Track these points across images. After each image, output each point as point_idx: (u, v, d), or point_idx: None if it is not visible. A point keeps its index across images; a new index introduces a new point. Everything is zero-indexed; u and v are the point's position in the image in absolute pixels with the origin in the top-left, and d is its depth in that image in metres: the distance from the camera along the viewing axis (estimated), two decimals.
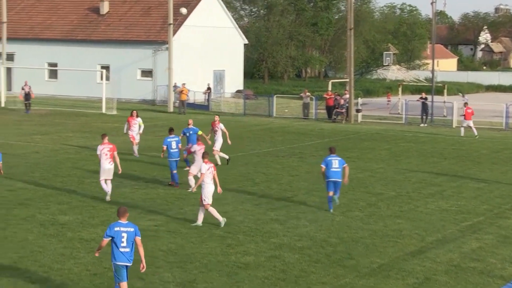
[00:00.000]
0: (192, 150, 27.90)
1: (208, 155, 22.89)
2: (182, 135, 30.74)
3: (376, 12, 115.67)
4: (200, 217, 21.85)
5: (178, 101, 60.87)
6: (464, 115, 48.42)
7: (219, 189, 22.34)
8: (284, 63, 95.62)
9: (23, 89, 57.53)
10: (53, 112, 56.02)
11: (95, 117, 53.33)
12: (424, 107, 54.96)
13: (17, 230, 20.92)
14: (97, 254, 15.54)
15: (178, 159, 28.18)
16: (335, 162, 24.55)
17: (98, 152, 24.96)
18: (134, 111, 36.02)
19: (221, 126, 33.42)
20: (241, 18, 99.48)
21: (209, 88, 65.83)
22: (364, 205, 25.51)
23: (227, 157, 32.86)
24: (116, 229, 14.54)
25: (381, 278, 17.41)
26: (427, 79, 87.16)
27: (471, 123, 47.49)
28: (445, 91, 66.38)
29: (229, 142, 33.59)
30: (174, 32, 64.62)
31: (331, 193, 24.46)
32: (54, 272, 17.08)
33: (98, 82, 64.25)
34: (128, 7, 73.19)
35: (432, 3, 62.35)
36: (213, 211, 21.75)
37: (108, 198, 24.86)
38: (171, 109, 60.77)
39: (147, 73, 69.22)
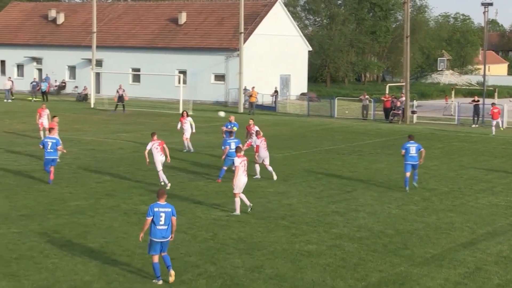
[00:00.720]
0: (253, 144, 28.41)
1: (241, 150, 22.94)
2: (224, 128, 31.71)
3: (431, 20, 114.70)
4: (237, 208, 22.16)
5: (247, 103, 61.17)
6: (491, 114, 48.84)
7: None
8: (345, 68, 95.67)
9: (117, 91, 58.55)
10: (136, 112, 56.75)
11: (173, 117, 53.76)
12: (476, 109, 54.37)
13: (104, 218, 21.27)
14: (141, 238, 16.00)
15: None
16: (413, 148, 26.64)
17: (149, 147, 26.23)
18: (185, 111, 36.70)
19: (256, 128, 33.29)
20: (306, 27, 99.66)
21: (276, 91, 66.00)
22: (419, 200, 25.25)
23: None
24: (156, 209, 15.51)
25: (434, 267, 17.24)
26: (479, 83, 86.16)
27: (497, 122, 48.74)
28: (496, 94, 65.53)
29: None
30: (245, 40, 64.94)
31: (407, 174, 26.44)
32: (136, 256, 17.32)
33: (176, 86, 65.01)
34: (204, 17, 73.79)
35: (484, 12, 61.81)
36: (243, 197, 22.26)
37: (168, 185, 25.93)
38: (241, 110, 60.98)
39: (220, 77, 69.66)
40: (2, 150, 34.46)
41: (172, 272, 15.54)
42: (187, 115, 36.13)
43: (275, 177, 28.06)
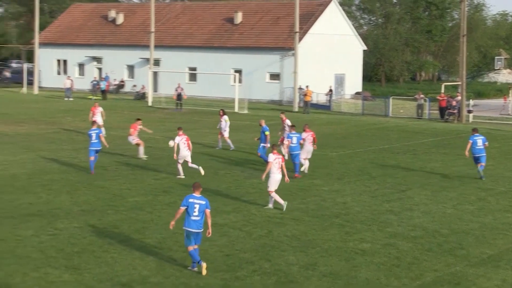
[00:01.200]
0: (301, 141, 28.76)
1: (277, 147, 23.41)
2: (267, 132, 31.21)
3: (488, 19, 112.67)
4: (271, 202, 22.48)
5: (302, 102, 61.13)
6: None
7: (286, 178, 22.88)
8: (400, 67, 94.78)
9: (176, 90, 59.28)
10: (192, 111, 57.15)
11: (228, 115, 53.76)
12: None
13: (161, 214, 21.48)
14: (171, 226, 16.46)
15: (299, 152, 28.32)
16: (479, 141, 28.30)
17: (177, 141, 27.17)
18: (221, 110, 36.81)
19: (288, 122, 33.69)
20: (361, 26, 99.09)
21: (330, 90, 65.84)
22: (475, 199, 24.93)
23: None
24: (190, 200, 16.00)
25: (490, 268, 17.01)
26: None
27: None
28: None
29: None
30: (300, 39, 64.92)
31: (478, 166, 28.28)
32: None
33: (232, 84, 65.23)
34: (259, 17, 73.91)
35: None
36: (275, 196, 22.25)
37: (201, 171, 27.32)
38: (296, 109, 61.00)
39: (275, 76, 69.71)
40: (64, 147, 35.05)
41: (204, 265, 15.88)
42: (224, 114, 36.27)
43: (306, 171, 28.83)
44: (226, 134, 35.73)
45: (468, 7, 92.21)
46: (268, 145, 29.32)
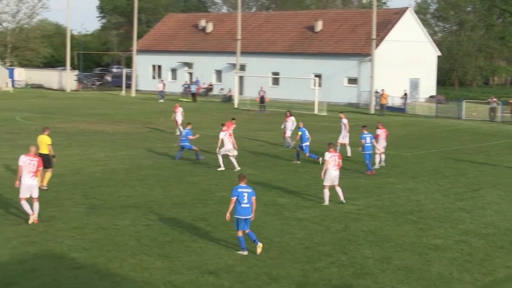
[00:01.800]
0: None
1: (333, 145, 23.15)
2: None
3: None
4: (326, 198, 22.15)
5: (378, 105, 60.61)
6: None
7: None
8: (473, 72, 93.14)
9: (259, 93, 59.75)
10: (275, 112, 57.23)
11: (308, 117, 53.97)
12: None
13: None
14: (227, 217, 16.93)
15: (371, 152, 28.26)
16: None
17: (221, 137, 28.12)
18: (288, 111, 36.90)
19: (344, 121, 33.50)
20: (435, 33, 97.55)
21: (405, 94, 65.07)
22: None
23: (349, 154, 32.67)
24: (239, 190, 16.66)
25: None
26: None
27: None
28: None
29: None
30: (376, 46, 64.41)
31: None
32: (274, 244, 17.47)
33: (312, 88, 65.19)
34: (338, 25, 73.60)
35: None
36: (326, 192, 22.08)
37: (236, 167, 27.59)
38: (372, 111, 60.55)
39: (352, 80, 69.36)
40: (158, 145, 35.60)
41: (260, 244, 16.61)
42: (290, 115, 36.40)
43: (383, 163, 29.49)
44: (288, 133, 35.75)
45: None
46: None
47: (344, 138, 33.18)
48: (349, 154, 32.33)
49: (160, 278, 14.74)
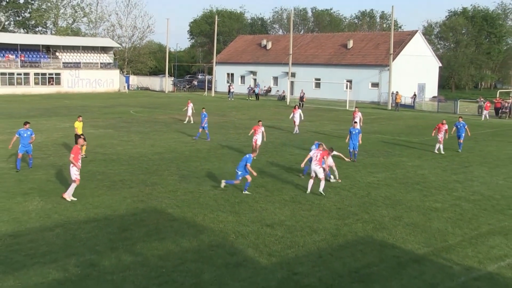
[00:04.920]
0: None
1: (322, 145, 19.64)
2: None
3: None
4: (309, 187, 18.98)
5: (394, 103, 59.57)
6: (484, 108, 49.50)
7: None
8: (466, 79, 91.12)
9: (300, 93, 59.46)
10: (316, 108, 56.92)
11: (341, 112, 53.48)
12: None
13: (293, 178, 21.50)
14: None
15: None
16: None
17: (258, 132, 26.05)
18: (296, 105, 35.89)
19: (359, 114, 32.47)
20: (438, 50, 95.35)
21: (414, 94, 63.65)
22: None
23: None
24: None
25: None
26: None
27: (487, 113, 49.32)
28: None
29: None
30: (393, 59, 63.24)
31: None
32: (315, 205, 17.34)
33: (344, 90, 64.45)
34: (365, 43, 72.48)
35: None
36: (310, 182, 18.92)
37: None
38: (389, 108, 59.54)
39: (374, 84, 68.22)
40: (230, 132, 35.71)
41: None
42: (298, 107, 35.39)
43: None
44: (297, 122, 34.71)
45: None
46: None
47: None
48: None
49: (231, 228, 14.87)
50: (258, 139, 25.98)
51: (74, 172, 17.21)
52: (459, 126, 29.53)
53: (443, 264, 12.61)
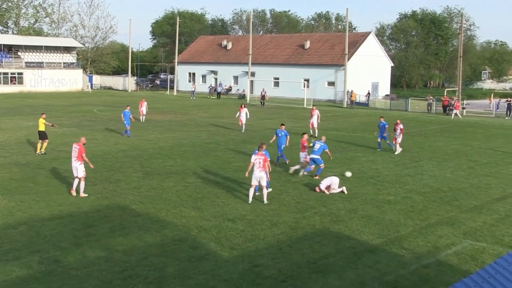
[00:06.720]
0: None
1: (262, 148, 17.32)
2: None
3: (477, 45, 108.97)
4: (250, 196, 17.19)
5: (349, 101, 60.33)
6: (454, 107, 49.98)
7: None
8: (416, 78, 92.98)
9: (261, 92, 59.46)
10: (275, 106, 57.14)
11: (299, 109, 53.81)
12: (509, 106, 51.60)
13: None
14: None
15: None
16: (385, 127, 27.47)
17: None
18: (243, 104, 35.56)
19: (317, 112, 33.07)
20: (390, 50, 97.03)
21: (368, 93, 64.71)
22: (466, 168, 24.10)
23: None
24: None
25: (475, 214, 16.43)
26: (511, 88, 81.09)
27: (457, 112, 49.70)
28: None
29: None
30: (348, 58, 64.00)
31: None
32: (275, 200, 17.39)
33: (302, 89, 64.84)
34: (321, 44, 73.08)
35: None
36: (251, 192, 17.11)
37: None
38: (345, 105, 60.28)
39: (331, 83, 68.87)
40: (192, 129, 35.58)
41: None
42: (244, 107, 34.99)
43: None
44: (244, 120, 34.28)
45: (464, 37, 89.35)
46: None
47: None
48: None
49: (193, 223, 14.78)
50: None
51: (83, 169, 17.25)
52: (380, 126, 28.54)
53: (396, 253, 12.83)
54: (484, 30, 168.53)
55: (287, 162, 23.37)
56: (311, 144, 21.42)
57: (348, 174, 21.16)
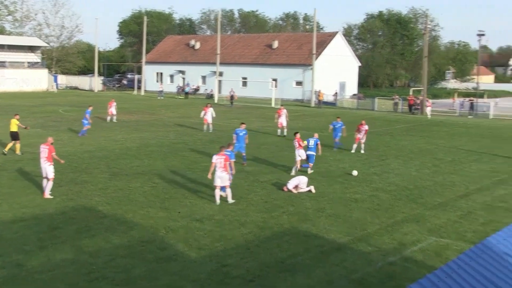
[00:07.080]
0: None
1: (224, 148, 17.28)
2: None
3: (442, 46, 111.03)
4: (217, 198, 17.03)
5: (317, 100, 60.73)
6: (427, 106, 51.05)
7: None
8: (383, 77, 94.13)
9: (230, 92, 59.31)
10: (244, 106, 57.15)
11: (267, 109, 53.91)
12: (471, 105, 52.78)
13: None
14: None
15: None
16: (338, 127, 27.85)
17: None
18: (209, 104, 35.44)
19: (285, 112, 33.48)
20: (357, 50, 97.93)
21: (336, 92, 65.30)
22: (431, 166, 24.56)
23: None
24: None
25: (440, 211, 16.75)
26: (474, 88, 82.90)
27: (429, 110, 50.77)
28: (485, 96, 62.99)
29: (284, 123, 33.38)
30: (316, 58, 64.34)
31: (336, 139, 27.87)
32: (243, 199, 17.38)
33: (270, 88, 64.92)
34: (289, 44, 73.43)
35: (478, 40, 59.65)
36: (217, 193, 16.94)
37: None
38: (313, 105, 60.67)
39: (299, 83, 69.27)
40: (160, 130, 35.30)
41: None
42: (210, 106, 34.96)
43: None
44: (210, 120, 34.16)
45: (429, 37, 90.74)
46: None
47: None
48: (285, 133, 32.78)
49: (161, 224, 14.66)
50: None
51: (52, 170, 17.05)
52: (336, 126, 28.37)
53: (363, 251, 12.97)
54: (447, 30, 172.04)
55: (244, 164, 23.07)
56: (305, 142, 22.04)
57: (355, 173, 21.59)
